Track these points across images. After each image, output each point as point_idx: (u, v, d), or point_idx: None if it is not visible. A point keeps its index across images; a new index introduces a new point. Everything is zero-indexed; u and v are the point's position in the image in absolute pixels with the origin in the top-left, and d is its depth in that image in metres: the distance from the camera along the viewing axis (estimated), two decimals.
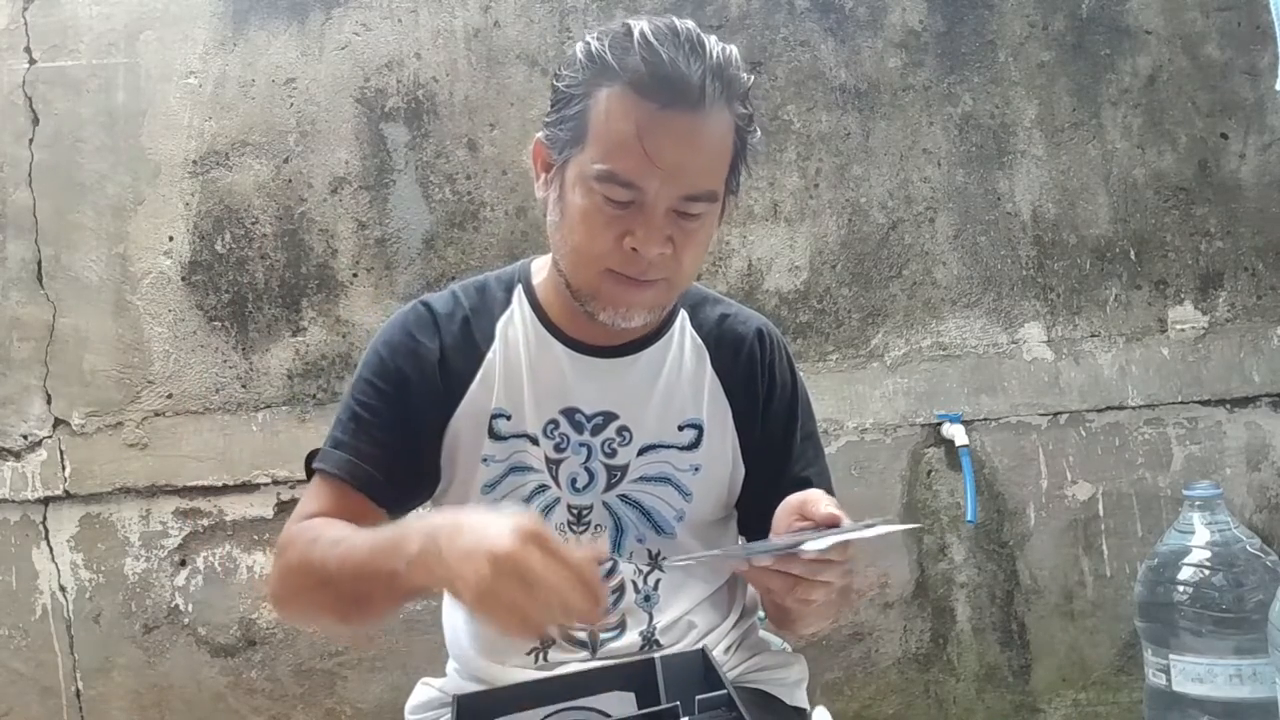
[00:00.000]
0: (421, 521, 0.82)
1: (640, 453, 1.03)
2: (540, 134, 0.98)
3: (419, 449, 1.01)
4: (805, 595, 0.84)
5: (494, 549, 0.73)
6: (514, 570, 0.72)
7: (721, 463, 1.06)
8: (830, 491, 1.06)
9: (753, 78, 0.97)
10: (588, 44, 0.92)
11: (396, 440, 1.00)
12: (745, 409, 1.07)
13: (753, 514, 1.09)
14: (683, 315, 1.09)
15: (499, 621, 0.73)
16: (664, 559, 1.00)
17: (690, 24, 0.90)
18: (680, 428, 1.05)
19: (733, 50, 0.93)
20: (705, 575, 1.08)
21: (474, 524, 0.77)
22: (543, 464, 1.02)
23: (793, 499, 0.89)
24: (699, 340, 1.08)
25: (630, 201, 0.90)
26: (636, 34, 0.88)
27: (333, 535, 0.91)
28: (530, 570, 0.72)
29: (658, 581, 1.04)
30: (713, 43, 0.90)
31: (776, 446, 1.08)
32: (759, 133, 0.99)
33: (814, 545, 0.80)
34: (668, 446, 1.04)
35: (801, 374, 1.14)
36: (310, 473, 1.03)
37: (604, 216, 0.91)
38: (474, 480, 1.02)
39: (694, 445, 1.05)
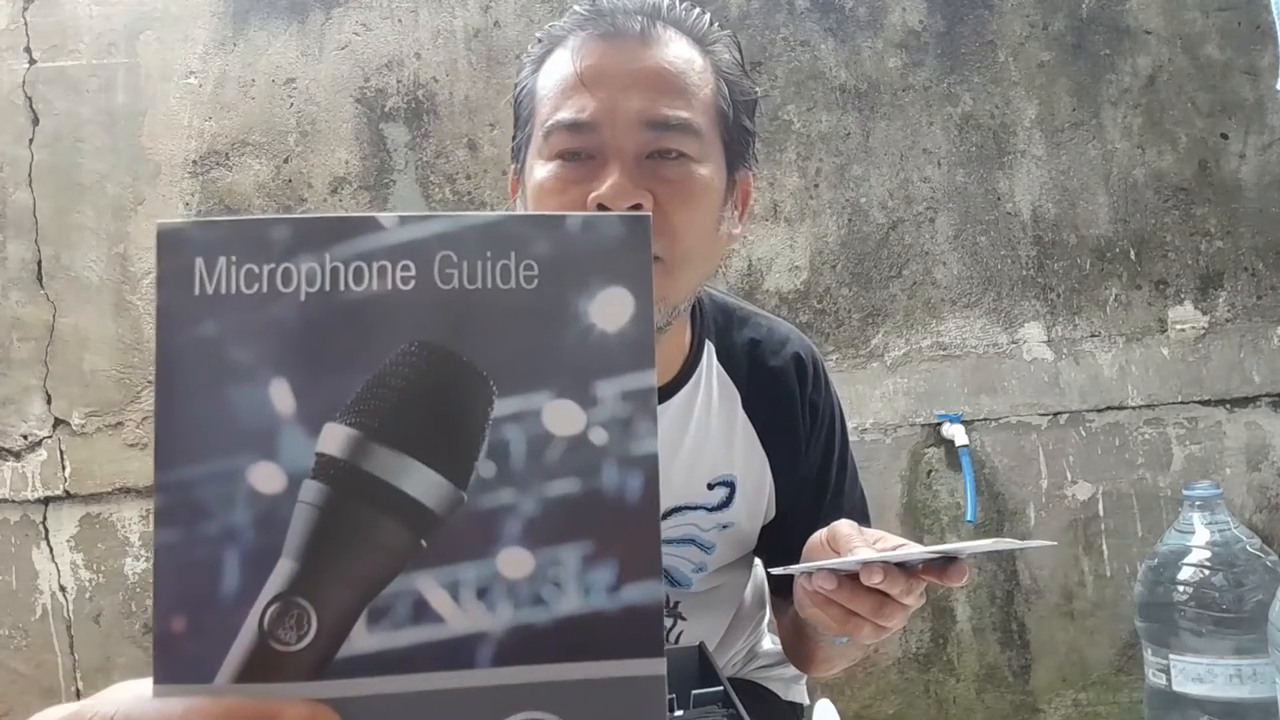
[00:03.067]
0: None
1: (665, 515, 0.91)
2: (512, 165, 0.89)
3: None
4: (886, 620, 0.71)
5: None
6: None
7: (753, 517, 0.96)
8: (866, 517, 1.01)
9: (728, 33, 0.88)
10: (536, 38, 0.86)
11: None
12: (783, 455, 0.95)
13: (778, 551, 0.97)
14: (709, 350, 0.94)
15: None
16: (769, 570, 0.81)
17: None
18: (710, 486, 0.93)
19: (699, 10, 0.84)
20: (725, 600, 1.02)
21: None
22: None
23: (815, 540, 0.78)
24: (727, 379, 0.94)
25: (590, 156, 0.78)
26: (575, 6, 0.84)
27: None
28: None
29: (679, 637, 0.97)
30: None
31: (813, 486, 0.98)
32: (757, 91, 0.88)
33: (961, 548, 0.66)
34: (695, 508, 0.92)
35: (837, 393, 1.03)
36: None
37: (562, 181, 0.77)
38: None
39: (724, 504, 0.93)
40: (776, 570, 0.78)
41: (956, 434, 1.96)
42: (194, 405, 0.24)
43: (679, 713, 0.77)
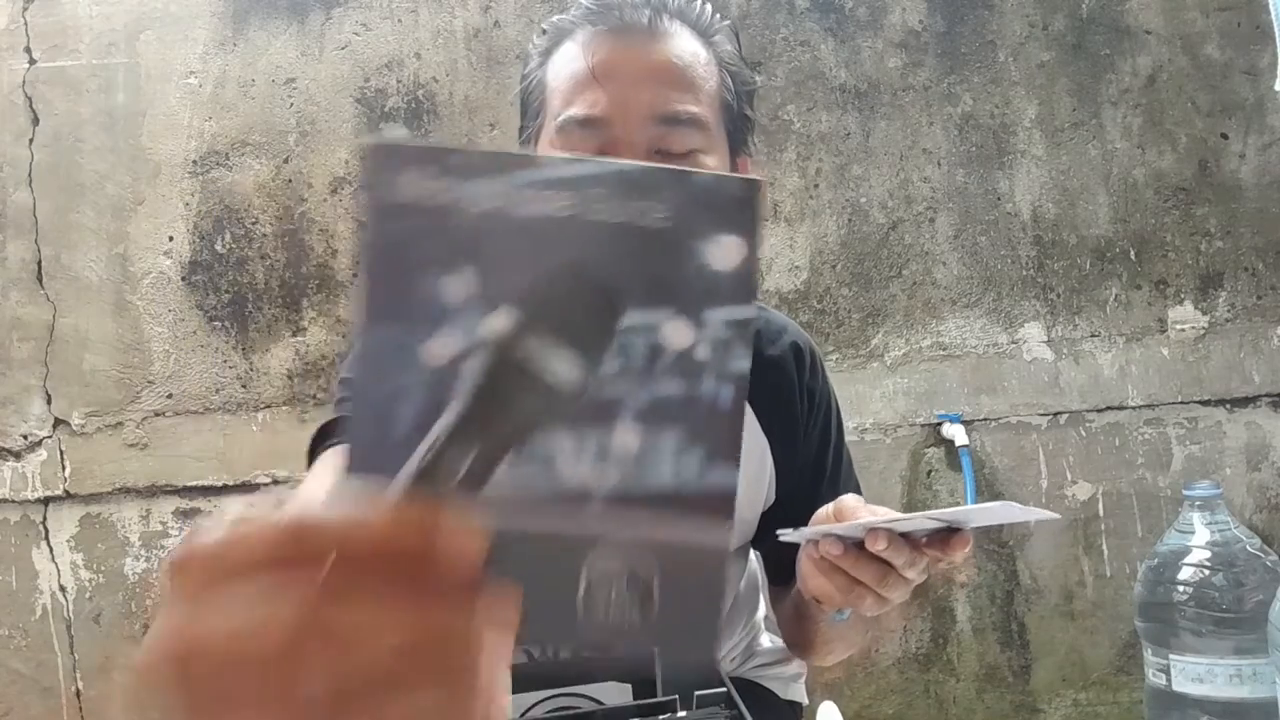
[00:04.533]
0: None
1: None
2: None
3: None
4: (889, 591, 0.73)
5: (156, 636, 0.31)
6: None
7: (753, 502, 0.98)
8: None
9: (730, 23, 0.89)
10: (541, 29, 0.87)
11: None
12: (784, 443, 0.98)
13: (775, 542, 1.03)
14: None
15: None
16: (781, 533, 0.81)
17: None
18: None
19: (702, 2, 0.85)
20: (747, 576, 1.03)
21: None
22: None
23: (822, 513, 0.78)
24: None
25: (603, 150, 0.79)
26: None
27: None
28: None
29: None
30: None
31: (810, 472, 1.01)
32: (757, 80, 0.89)
33: (970, 516, 0.68)
34: None
35: (833, 387, 1.05)
36: (314, 459, 0.86)
37: None
38: None
39: None
40: (785, 535, 0.78)
41: (956, 434, 1.96)
42: (390, 287, 0.31)
43: (681, 714, 0.78)
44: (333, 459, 0.81)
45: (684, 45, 0.83)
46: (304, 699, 0.26)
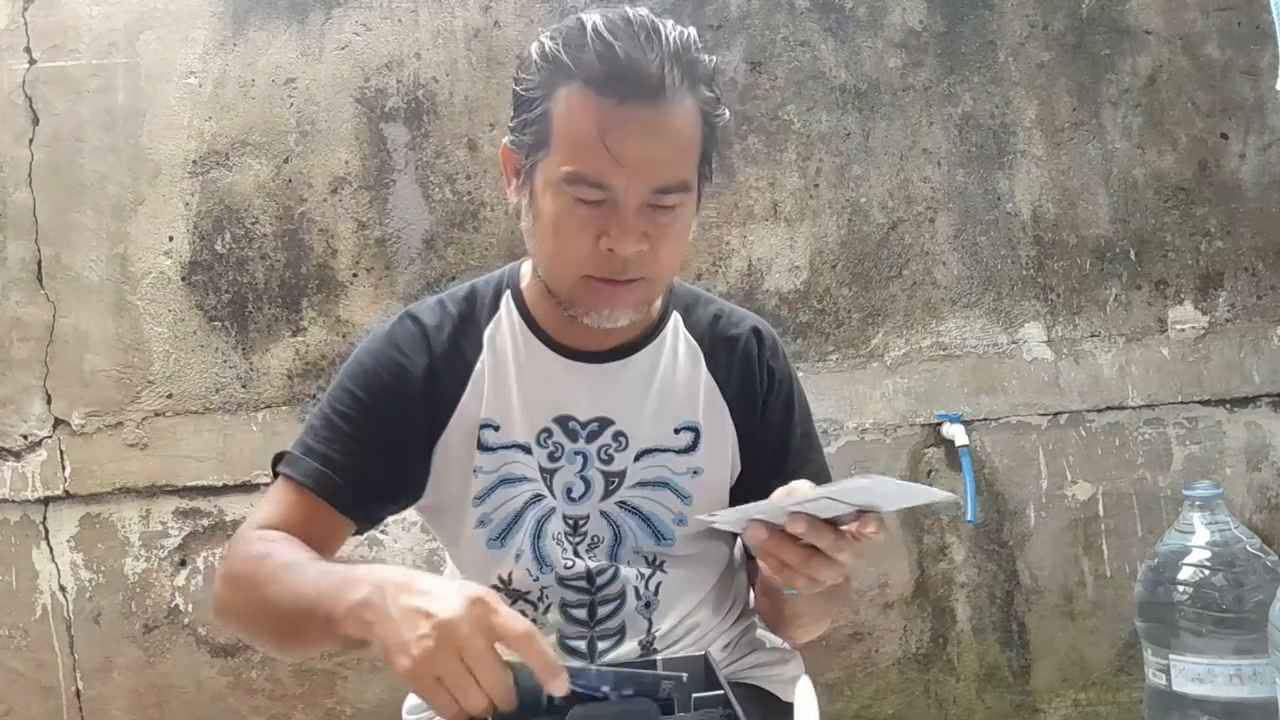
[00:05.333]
0: (373, 570, 0.78)
1: (637, 458, 1.02)
2: (506, 139, 0.96)
3: (397, 464, 0.99)
4: (816, 572, 0.79)
5: (440, 613, 0.70)
6: (455, 642, 0.69)
7: (720, 465, 1.05)
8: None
9: (714, 59, 0.94)
10: (542, 44, 0.91)
11: (370, 453, 0.98)
12: (743, 409, 1.05)
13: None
14: (675, 317, 1.07)
15: (428, 694, 0.70)
16: (698, 517, 0.90)
17: (644, 11, 0.89)
18: (676, 430, 1.03)
19: (690, 33, 0.90)
20: (708, 564, 1.07)
21: (424, 584, 0.73)
22: (536, 473, 1.00)
23: (778, 494, 0.83)
24: (693, 342, 1.06)
25: (601, 201, 0.89)
26: (589, 28, 0.87)
27: (284, 558, 0.88)
28: (472, 648, 0.69)
29: (659, 586, 1.03)
30: (669, 28, 0.89)
31: (774, 445, 1.07)
32: (727, 114, 0.96)
33: (845, 490, 0.73)
34: (665, 450, 1.03)
35: (797, 373, 1.13)
36: (276, 474, 1.01)
37: (576, 219, 0.90)
38: (466, 493, 1.01)
39: (691, 448, 1.03)
40: (702, 518, 0.85)
41: (956, 434, 1.95)
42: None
43: (682, 714, 0.78)
44: (283, 490, 0.98)
45: (683, 110, 0.90)
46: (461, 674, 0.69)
